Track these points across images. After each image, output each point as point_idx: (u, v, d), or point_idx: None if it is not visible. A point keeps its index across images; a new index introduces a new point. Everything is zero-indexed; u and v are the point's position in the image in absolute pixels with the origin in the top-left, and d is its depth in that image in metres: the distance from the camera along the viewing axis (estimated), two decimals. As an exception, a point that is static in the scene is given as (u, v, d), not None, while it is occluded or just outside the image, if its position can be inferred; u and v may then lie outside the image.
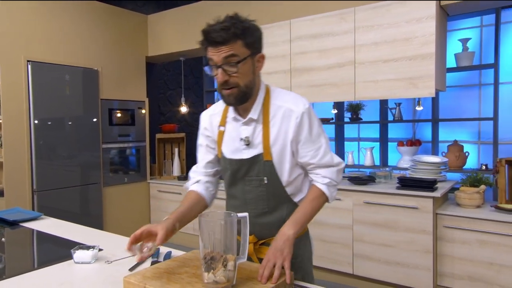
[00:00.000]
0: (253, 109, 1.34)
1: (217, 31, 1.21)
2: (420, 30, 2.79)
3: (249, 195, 1.39)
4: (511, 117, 3.86)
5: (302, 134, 1.32)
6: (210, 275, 1.10)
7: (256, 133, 1.35)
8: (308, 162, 1.36)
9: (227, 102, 1.31)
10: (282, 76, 3.51)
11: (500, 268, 2.60)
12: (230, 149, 1.39)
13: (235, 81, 1.24)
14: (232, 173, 1.39)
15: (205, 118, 1.49)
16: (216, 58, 1.23)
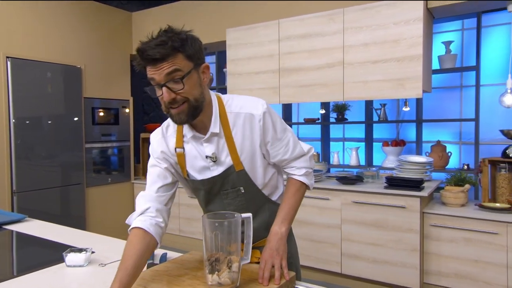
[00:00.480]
0: (212, 122, 1.25)
1: (153, 47, 1.09)
2: (408, 32, 2.84)
3: (229, 207, 1.34)
4: (491, 118, 3.97)
5: (268, 135, 1.29)
6: (215, 277, 1.08)
7: (221, 147, 1.28)
8: (281, 159, 1.34)
9: (178, 122, 1.19)
10: (270, 76, 3.51)
11: (485, 265, 2.67)
12: (197, 170, 1.32)
13: (184, 96, 1.14)
14: (206, 191, 1.34)
15: (159, 141, 1.33)
16: (158, 77, 1.11)
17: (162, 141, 1.32)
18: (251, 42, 3.58)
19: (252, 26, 3.58)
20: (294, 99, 3.41)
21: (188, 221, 4.15)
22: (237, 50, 3.68)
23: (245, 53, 3.63)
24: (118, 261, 1.51)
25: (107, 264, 1.49)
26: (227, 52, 3.76)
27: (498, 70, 3.94)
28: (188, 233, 4.16)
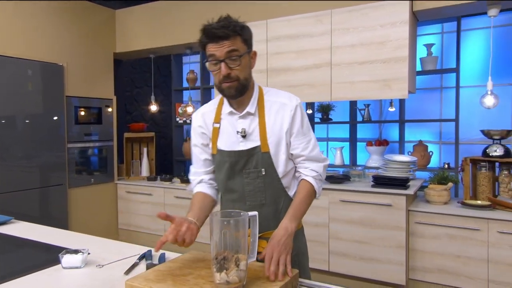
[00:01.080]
0: (250, 103, 1.41)
1: (218, 28, 1.28)
2: (394, 34, 2.90)
3: (247, 187, 1.41)
4: (470, 119, 4.12)
5: (295, 126, 1.40)
6: (223, 275, 1.08)
7: (253, 126, 1.41)
8: (299, 154, 1.42)
9: (228, 95, 1.37)
10: (258, 76, 3.51)
11: (467, 260, 2.76)
12: (227, 143, 1.43)
13: (236, 74, 1.31)
14: (230, 165, 1.42)
15: (198, 117, 1.52)
16: (219, 53, 1.29)
17: (201, 117, 1.50)
18: (239, 42, 3.58)
19: (240, 26, 3.58)
20: (282, 99, 3.44)
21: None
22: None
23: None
24: (115, 262, 1.50)
25: (104, 265, 1.47)
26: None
27: (476, 72, 4.09)
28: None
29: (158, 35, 4.20)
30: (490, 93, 2.88)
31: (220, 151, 1.44)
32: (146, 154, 4.73)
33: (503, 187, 2.94)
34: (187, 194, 4.02)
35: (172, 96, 5.50)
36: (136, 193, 4.37)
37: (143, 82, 5.49)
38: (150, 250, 1.61)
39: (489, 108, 2.91)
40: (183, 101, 5.57)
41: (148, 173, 4.71)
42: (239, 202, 1.44)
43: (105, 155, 4.42)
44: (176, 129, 5.45)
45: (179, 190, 4.07)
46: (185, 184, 4.15)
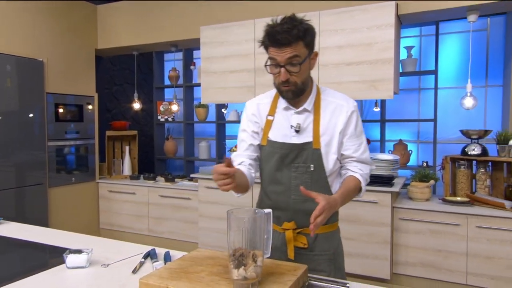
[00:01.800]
0: (308, 101, 1.44)
1: (281, 32, 1.29)
2: (380, 37, 3.00)
3: (294, 181, 1.43)
4: (445, 119, 4.29)
5: (350, 128, 1.44)
6: (241, 271, 1.10)
7: (307, 122, 1.44)
8: (350, 155, 1.45)
9: (286, 97, 1.42)
10: (245, 75, 3.54)
11: (448, 254, 2.89)
12: (279, 135, 1.45)
13: (295, 80, 1.35)
14: (280, 157, 1.43)
15: (253, 105, 1.54)
16: (280, 58, 1.32)
17: (256, 106, 1.53)
18: (227, 40, 3.59)
19: (228, 25, 3.59)
20: (270, 98, 3.48)
21: (158, 220, 4.08)
22: (212, 48, 3.67)
23: (220, 52, 3.64)
24: (120, 261, 1.49)
25: (110, 265, 1.46)
26: (201, 50, 3.74)
27: (451, 74, 4.26)
28: (158, 232, 4.09)
29: (143, 32, 4.15)
30: (470, 95, 3.02)
31: (271, 142, 1.46)
32: (128, 153, 4.66)
33: (480, 184, 3.09)
34: (172, 193, 4.00)
35: (154, 94, 5.43)
36: (118, 192, 4.30)
37: (122, 79, 5.40)
38: (154, 249, 1.61)
39: (468, 109, 3.06)
40: (164, 99, 5.52)
41: (130, 172, 4.64)
42: (283, 195, 1.45)
43: (86, 154, 4.32)
44: (158, 127, 5.39)
45: (163, 189, 4.04)
46: (169, 183, 4.12)
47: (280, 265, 1.30)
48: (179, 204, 3.96)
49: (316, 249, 1.47)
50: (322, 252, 1.47)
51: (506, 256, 2.74)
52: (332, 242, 1.51)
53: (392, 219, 3.02)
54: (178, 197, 3.95)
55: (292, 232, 1.46)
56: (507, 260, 2.73)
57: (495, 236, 2.76)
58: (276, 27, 1.31)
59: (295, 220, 1.46)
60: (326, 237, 1.49)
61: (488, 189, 3.07)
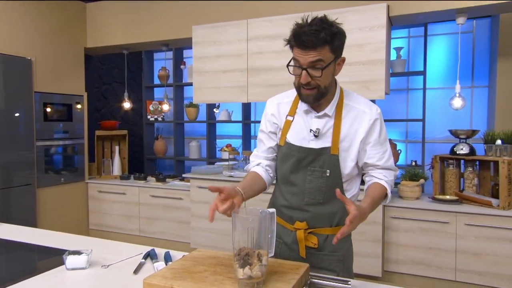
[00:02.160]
0: (330, 105, 1.40)
1: (308, 34, 1.25)
2: (372, 38, 3.04)
3: (309, 184, 1.42)
4: (432, 119, 4.37)
5: (373, 136, 1.41)
6: (246, 271, 1.11)
7: (327, 127, 1.41)
8: (374, 163, 1.42)
9: (305, 101, 1.38)
10: (238, 74, 3.54)
11: (438, 252, 2.96)
12: (297, 138, 1.43)
13: (317, 83, 1.31)
14: (297, 160, 1.42)
15: (273, 105, 1.52)
16: (303, 60, 1.29)
17: (276, 106, 1.50)
18: (219, 40, 3.59)
19: (220, 25, 3.58)
20: (263, 98, 3.48)
21: (149, 220, 4.06)
22: (204, 48, 3.66)
23: (213, 51, 3.63)
24: (120, 262, 1.48)
25: (110, 266, 1.45)
26: (194, 50, 3.73)
27: (437, 75, 4.34)
28: (149, 233, 4.06)
29: (134, 30, 4.11)
30: (458, 95, 3.09)
31: (289, 144, 1.44)
32: (118, 153, 4.61)
33: (468, 183, 3.17)
34: (164, 193, 3.98)
35: (143, 93, 5.40)
36: (108, 193, 4.26)
37: (111, 78, 5.34)
38: (153, 249, 1.60)
39: (457, 110, 3.12)
40: (154, 98, 5.48)
41: (120, 172, 4.60)
42: (297, 197, 1.45)
43: (75, 154, 4.26)
44: (147, 127, 5.36)
45: (154, 189, 4.02)
46: (161, 183, 4.10)
47: (283, 264, 1.32)
48: (171, 204, 3.94)
49: (326, 250, 1.47)
50: (332, 253, 1.47)
51: (493, 253, 2.81)
52: (344, 244, 1.51)
53: (384, 218, 3.07)
54: (169, 197, 3.94)
55: (304, 232, 1.46)
56: (494, 256, 2.81)
57: (483, 233, 2.83)
58: (304, 27, 1.28)
59: (307, 221, 1.46)
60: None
61: (475, 187, 3.15)
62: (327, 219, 1.43)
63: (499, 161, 2.86)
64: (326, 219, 1.43)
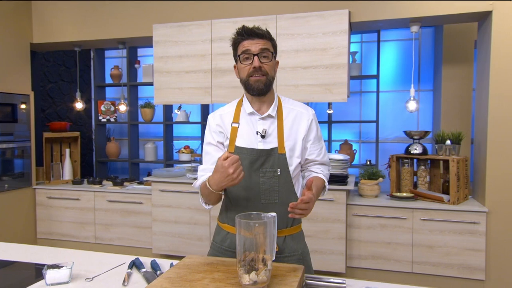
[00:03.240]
0: (272, 107, 1.51)
1: (256, 28, 1.44)
2: (335, 42, 3.14)
3: (263, 186, 1.46)
4: (384, 120, 4.63)
5: (312, 134, 1.55)
6: (252, 276, 1.11)
7: (272, 128, 1.50)
8: (314, 159, 1.56)
9: (256, 88, 1.45)
10: (202, 75, 3.49)
11: (396, 246, 3.13)
12: (246, 142, 1.49)
13: (266, 69, 1.44)
14: (250, 163, 1.47)
15: (215, 117, 1.57)
16: (254, 48, 1.42)
17: (219, 117, 1.56)
18: (182, 40, 3.51)
19: (183, 24, 3.51)
20: (226, 100, 3.47)
21: (105, 227, 3.87)
22: (166, 48, 3.56)
23: (175, 51, 3.54)
24: (104, 274, 1.41)
25: (94, 278, 1.37)
26: (154, 49, 3.61)
27: (387, 78, 4.60)
28: (105, 240, 3.87)
29: (87, 27, 3.89)
30: (413, 99, 3.29)
31: (239, 148, 1.48)
32: (68, 156, 4.34)
33: (421, 180, 3.39)
34: (122, 197, 3.81)
35: (94, 92, 5.12)
36: (59, 199, 3.99)
37: (57, 77, 5.02)
38: (137, 258, 1.54)
39: (412, 112, 3.33)
40: (106, 98, 5.23)
41: (71, 176, 4.33)
42: (253, 201, 1.47)
43: (20, 158, 3.95)
44: (99, 128, 5.10)
45: (112, 193, 3.84)
46: (118, 187, 3.92)
47: (279, 267, 1.32)
48: (130, 209, 3.79)
49: (286, 251, 1.51)
50: (292, 253, 1.53)
51: (445, 245, 3.04)
52: (299, 243, 1.57)
53: (347, 216, 3.20)
54: (128, 201, 3.78)
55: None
56: (445, 248, 3.03)
57: (436, 227, 3.04)
58: (248, 26, 1.45)
59: None
60: (293, 238, 1.53)
61: (427, 184, 3.38)
62: (284, 220, 1.49)
63: (449, 159, 3.09)
64: (284, 220, 1.49)
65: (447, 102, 3.99)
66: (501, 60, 2.89)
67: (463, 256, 3.00)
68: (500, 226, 2.96)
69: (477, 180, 3.21)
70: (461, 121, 3.93)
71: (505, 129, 2.91)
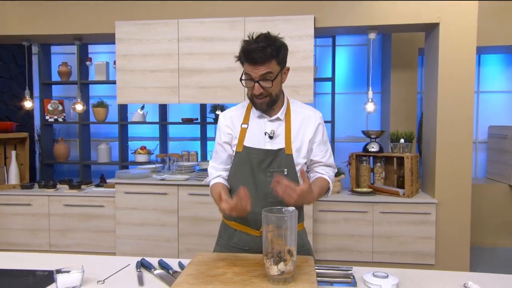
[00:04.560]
0: (281, 110, 1.57)
1: (256, 51, 1.40)
2: (302, 46, 3.28)
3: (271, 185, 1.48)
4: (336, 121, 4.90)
5: (318, 136, 1.60)
6: (281, 266, 1.18)
7: (280, 130, 1.55)
8: (319, 160, 1.62)
9: (259, 109, 1.53)
10: (168, 75, 3.44)
11: (358, 238, 3.36)
12: (254, 142, 1.54)
13: (268, 92, 1.47)
14: (258, 163, 1.52)
15: (226, 118, 1.62)
16: (254, 74, 1.44)
17: (229, 118, 1.61)
18: (147, 38, 3.43)
19: (149, 22, 3.43)
20: (195, 100, 3.45)
21: (62, 233, 3.65)
22: (130, 46, 3.46)
23: (140, 49, 3.45)
24: (114, 275, 1.38)
25: (105, 280, 1.34)
26: (117, 47, 3.48)
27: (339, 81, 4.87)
28: (62, 246, 3.66)
29: (39, 21, 3.64)
30: (371, 100, 3.54)
31: (248, 148, 1.53)
32: (15, 159, 4.02)
33: (377, 176, 3.66)
34: (81, 201, 3.63)
35: (40, 90, 4.78)
36: (6, 205, 3.69)
37: (-6, 72, 4.62)
38: (143, 258, 1.52)
39: (370, 113, 3.58)
40: (52, 97, 4.91)
41: (18, 180, 4.02)
42: (260, 200, 1.50)
43: (-40, 161, 3.59)
44: (45, 129, 4.77)
45: (69, 197, 3.64)
46: (75, 190, 3.73)
47: (292, 258, 1.40)
48: (90, 213, 3.62)
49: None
50: (299, 249, 1.54)
51: (401, 235, 3.31)
52: (303, 239, 1.64)
53: (313, 211, 3.35)
54: (88, 205, 3.61)
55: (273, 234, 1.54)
56: (401, 237, 3.31)
57: (393, 219, 3.31)
58: (251, 45, 1.41)
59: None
60: (299, 234, 1.58)
61: (383, 180, 3.65)
62: None
63: (404, 156, 3.38)
64: None
65: (395, 104, 4.33)
66: (448, 66, 3.23)
67: (417, 244, 3.30)
68: (447, 215, 3.30)
69: (427, 175, 3.55)
70: (407, 121, 4.30)
71: (452, 129, 3.26)
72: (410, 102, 4.32)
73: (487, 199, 4.33)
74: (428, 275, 1.43)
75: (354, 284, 1.36)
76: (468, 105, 3.23)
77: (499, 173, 4.43)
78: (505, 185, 4.32)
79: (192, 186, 3.40)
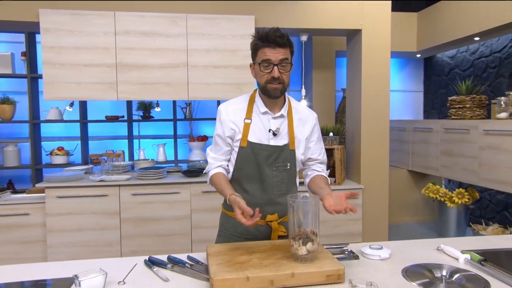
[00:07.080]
0: (284, 107, 1.66)
1: (278, 36, 1.49)
2: (244, 45, 3.40)
3: (275, 179, 1.61)
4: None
5: (315, 135, 1.73)
6: (309, 246, 1.31)
7: (283, 127, 1.65)
8: (315, 158, 1.75)
9: (273, 95, 1.57)
10: (105, 70, 3.24)
11: (298, 225, 3.62)
12: (258, 138, 1.61)
13: (284, 78, 1.55)
14: (265, 158, 1.59)
15: (229, 111, 1.65)
16: (274, 58, 1.51)
17: (232, 112, 1.64)
18: (80, 30, 3.18)
19: (81, 13, 3.18)
20: (135, 96, 3.32)
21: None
22: (59, 37, 3.16)
23: (71, 42, 3.17)
24: (130, 275, 1.34)
25: (125, 280, 1.32)
26: (43, 37, 3.14)
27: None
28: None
29: None
30: (304, 97, 3.84)
31: (252, 144, 1.59)
32: None
33: (309, 167, 3.98)
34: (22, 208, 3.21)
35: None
36: None
37: None
38: (151, 256, 1.50)
39: (303, 109, 3.87)
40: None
41: None
42: (265, 191, 1.61)
43: None
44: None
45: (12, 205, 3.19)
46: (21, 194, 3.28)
47: (299, 241, 1.53)
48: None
49: None
50: None
51: (334, 218, 3.66)
52: None
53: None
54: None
55: (276, 223, 1.67)
56: (334, 221, 3.67)
57: (327, 204, 3.65)
58: (270, 32, 1.51)
59: (277, 212, 1.67)
60: None
61: (314, 170, 3.99)
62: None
63: (334, 148, 3.75)
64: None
65: (317, 101, 4.74)
66: (369, 67, 3.68)
67: (347, 226, 3.71)
68: (371, 198, 3.77)
69: (352, 164, 3.99)
70: (327, 117, 4.74)
71: (373, 122, 3.73)
72: (329, 99, 4.77)
73: (391, 183, 5.02)
74: (405, 244, 1.70)
75: (356, 257, 1.55)
76: (385, 101, 3.73)
77: (400, 160, 5.16)
78: (404, 170, 5.06)
79: (135, 186, 3.28)
